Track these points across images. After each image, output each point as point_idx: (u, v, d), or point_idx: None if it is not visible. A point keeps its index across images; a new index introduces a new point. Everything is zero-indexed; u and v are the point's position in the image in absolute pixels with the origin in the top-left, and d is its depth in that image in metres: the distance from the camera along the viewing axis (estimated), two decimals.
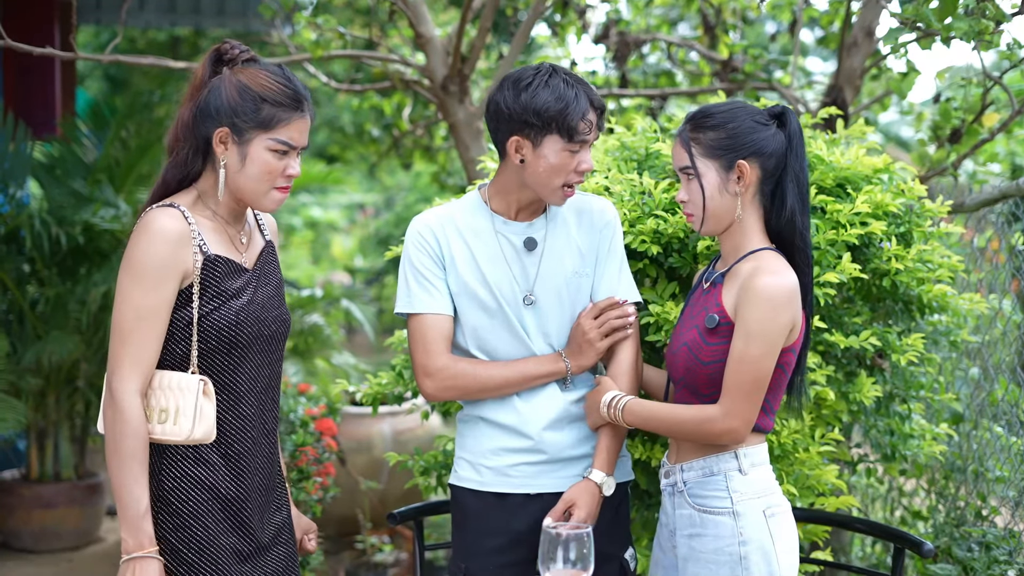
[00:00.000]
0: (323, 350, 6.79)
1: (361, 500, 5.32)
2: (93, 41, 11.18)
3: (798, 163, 2.47)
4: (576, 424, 2.64)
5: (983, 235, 4.47)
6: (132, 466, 2.26)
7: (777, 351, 2.38)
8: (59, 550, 5.71)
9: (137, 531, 2.25)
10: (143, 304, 2.28)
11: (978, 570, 3.57)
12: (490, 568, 2.64)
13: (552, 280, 2.61)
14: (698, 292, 2.57)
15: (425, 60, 4.57)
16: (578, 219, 2.66)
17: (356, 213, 17.76)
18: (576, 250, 2.64)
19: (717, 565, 2.43)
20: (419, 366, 2.61)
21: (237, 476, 2.39)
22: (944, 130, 4.46)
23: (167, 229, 2.29)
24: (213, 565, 2.35)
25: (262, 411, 2.46)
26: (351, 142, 8.57)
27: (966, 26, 3.34)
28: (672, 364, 2.54)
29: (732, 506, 2.44)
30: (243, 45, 2.43)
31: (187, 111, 2.37)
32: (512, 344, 2.62)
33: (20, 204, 5.64)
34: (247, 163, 2.35)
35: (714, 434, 2.41)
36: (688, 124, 2.49)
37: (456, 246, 2.61)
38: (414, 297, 2.61)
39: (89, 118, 6.14)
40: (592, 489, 2.55)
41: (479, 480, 2.65)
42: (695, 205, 2.48)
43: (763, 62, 5.65)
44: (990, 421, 4.11)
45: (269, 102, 2.33)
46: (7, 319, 5.57)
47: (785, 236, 2.47)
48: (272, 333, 2.46)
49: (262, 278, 2.47)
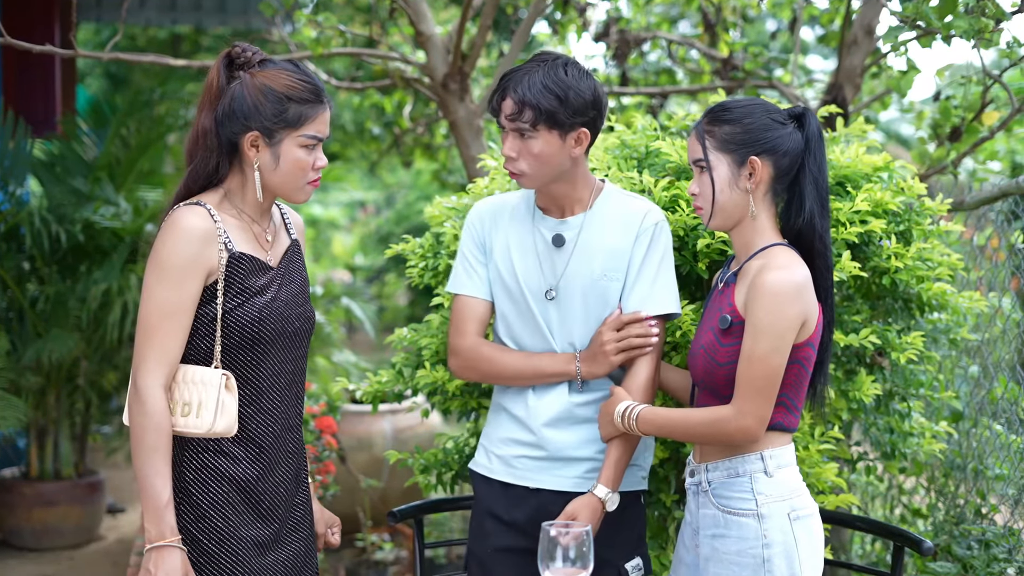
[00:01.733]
0: (323, 348, 6.79)
1: (361, 498, 5.32)
2: (93, 39, 11.17)
3: (816, 165, 2.45)
4: (580, 426, 2.64)
5: (983, 233, 4.47)
6: (155, 458, 2.30)
7: (787, 346, 2.36)
8: (59, 548, 5.72)
9: (160, 521, 2.30)
10: (168, 300, 2.32)
11: (978, 568, 3.57)
12: (487, 551, 2.70)
13: (578, 279, 2.61)
14: (714, 293, 2.56)
15: (426, 58, 4.57)
16: (617, 221, 2.63)
17: (357, 211, 17.76)
18: (608, 252, 2.61)
19: (740, 567, 2.41)
20: (449, 343, 2.73)
21: (259, 469, 2.43)
22: (944, 128, 4.46)
23: (193, 227, 2.33)
24: (234, 556, 2.40)
25: (285, 406, 2.50)
26: (352, 140, 8.57)
27: (966, 24, 3.34)
28: (692, 366, 2.53)
29: (757, 508, 2.42)
30: (254, 47, 2.45)
31: (207, 119, 2.39)
32: (534, 337, 2.66)
33: (20, 202, 5.64)
34: (281, 162, 2.40)
35: (728, 434, 2.40)
36: (705, 117, 2.49)
37: (499, 235, 2.68)
38: (457, 278, 2.73)
39: (89, 116, 6.15)
40: (594, 504, 2.54)
41: (488, 467, 2.72)
42: (704, 198, 2.47)
43: (763, 60, 5.66)
44: (990, 419, 4.11)
45: (295, 100, 2.38)
46: (7, 317, 5.57)
47: (805, 238, 2.46)
48: (296, 330, 2.50)
49: (287, 276, 2.50)
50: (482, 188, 3.18)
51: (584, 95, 2.50)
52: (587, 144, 2.58)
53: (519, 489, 2.66)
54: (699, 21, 6.35)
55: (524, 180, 2.58)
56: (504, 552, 2.68)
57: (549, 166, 2.55)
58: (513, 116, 2.51)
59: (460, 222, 3.13)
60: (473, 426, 3.34)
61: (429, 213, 3.29)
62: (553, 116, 2.49)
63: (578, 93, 2.50)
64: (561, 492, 2.62)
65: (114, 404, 6.50)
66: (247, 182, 2.43)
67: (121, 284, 5.53)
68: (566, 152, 2.54)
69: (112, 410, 6.47)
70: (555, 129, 2.50)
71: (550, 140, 2.51)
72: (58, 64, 6.95)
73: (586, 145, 2.57)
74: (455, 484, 3.29)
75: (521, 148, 2.53)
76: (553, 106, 2.48)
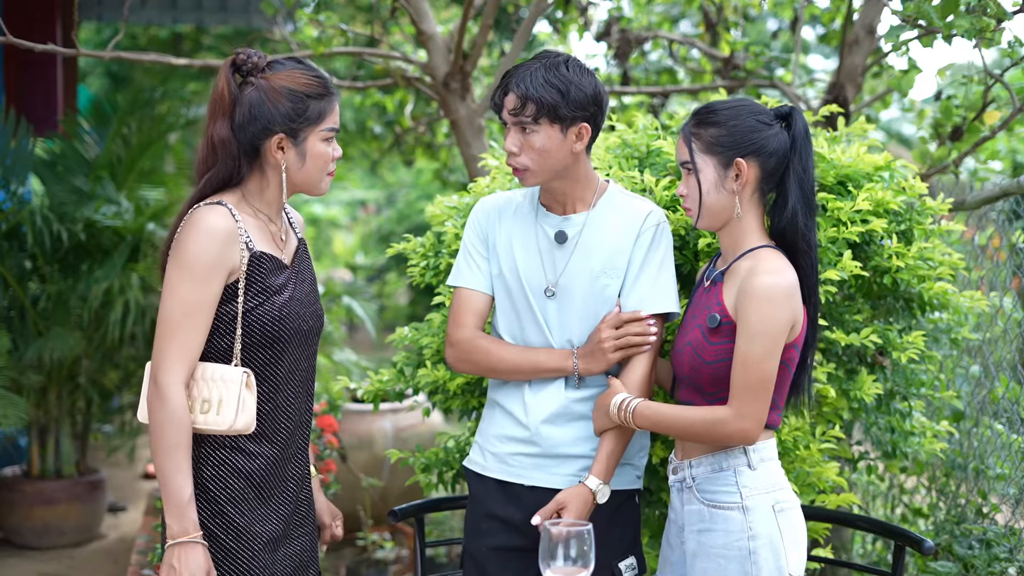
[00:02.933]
0: (324, 347, 6.79)
1: (362, 497, 5.32)
2: (94, 38, 11.16)
3: (802, 164, 2.47)
4: (576, 423, 2.64)
5: (984, 233, 4.47)
6: (177, 455, 2.32)
7: (780, 349, 2.39)
8: (60, 546, 5.72)
9: (182, 517, 2.32)
10: (191, 299, 2.34)
11: (979, 567, 3.58)
12: (482, 550, 2.70)
13: (579, 276, 2.62)
14: (700, 291, 2.57)
15: (427, 57, 4.57)
16: (620, 219, 2.64)
17: (357, 210, 17.75)
18: (609, 250, 2.62)
19: (726, 560, 2.44)
20: (447, 334, 2.74)
21: (274, 466, 2.46)
22: (945, 128, 4.46)
23: (216, 227, 2.35)
24: (250, 551, 2.42)
25: (299, 403, 2.53)
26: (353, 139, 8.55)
27: (967, 24, 3.34)
28: (677, 362, 2.55)
29: (741, 501, 2.44)
30: (257, 51, 2.48)
31: (223, 128, 2.40)
32: (533, 333, 2.66)
33: (22, 200, 5.63)
34: (307, 159, 2.44)
35: (726, 435, 2.41)
36: (692, 119, 2.51)
37: (502, 231, 2.70)
38: (458, 271, 2.75)
39: (91, 114, 6.14)
40: (585, 494, 2.55)
41: (483, 464, 2.72)
42: (692, 200, 2.50)
43: (764, 60, 5.65)
44: (991, 419, 4.11)
45: (313, 97, 2.42)
46: (8, 316, 5.57)
47: (788, 237, 2.47)
48: (310, 328, 2.53)
49: (300, 274, 2.53)
50: (483, 187, 3.19)
51: (585, 90, 2.54)
52: (588, 140, 2.59)
53: (514, 486, 2.66)
54: (700, 20, 6.35)
55: (526, 176, 2.59)
56: (500, 551, 2.68)
57: (551, 161, 2.56)
58: (516, 111, 2.54)
59: (461, 221, 3.13)
60: (474, 425, 3.34)
61: (430, 212, 3.29)
62: (555, 110, 2.51)
63: (579, 88, 2.53)
64: (555, 490, 2.62)
65: (115, 403, 6.50)
66: (268, 183, 2.46)
67: (122, 283, 5.53)
68: (567, 147, 2.56)
69: (113, 409, 6.47)
70: (557, 123, 2.53)
71: (552, 134, 2.54)
72: (59, 63, 6.95)
73: (587, 141, 2.59)
74: (456, 483, 3.29)
75: (523, 143, 2.55)
76: (555, 100, 2.51)
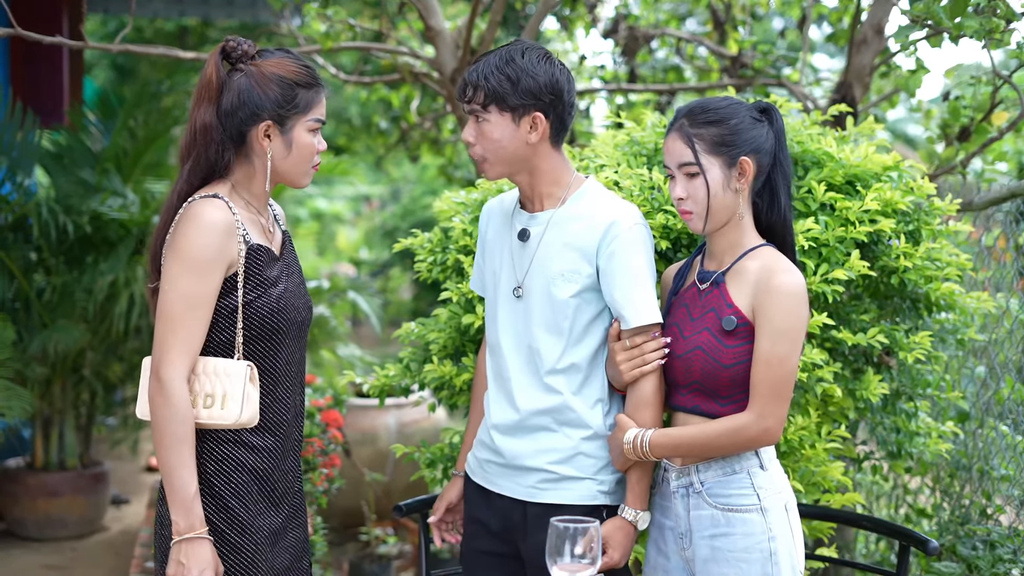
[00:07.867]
0: (329, 341, 6.79)
1: (366, 492, 5.32)
2: (100, 30, 11.16)
3: (786, 159, 2.47)
4: (535, 434, 2.55)
5: (990, 234, 4.47)
6: (181, 450, 2.32)
7: (801, 347, 2.37)
8: (63, 538, 5.73)
9: (188, 513, 2.31)
10: (192, 293, 2.33)
11: (982, 568, 3.57)
12: (467, 553, 2.70)
13: (541, 276, 2.53)
14: (691, 292, 2.50)
15: (434, 53, 4.57)
16: (584, 221, 2.52)
17: (362, 205, 17.77)
18: (572, 251, 2.51)
19: (748, 563, 2.40)
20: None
21: (275, 458, 2.46)
22: (953, 128, 4.45)
23: (216, 220, 2.34)
24: (254, 545, 2.42)
25: (295, 395, 2.53)
26: (358, 134, 8.56)
27: (976, 24, 3.34)
28: (685, 369, 2.45)
29: (760, 503, 2.41)
30: (246, 39, 2.46)
31: (208, 114, 2.39)
32: (504, 336, 2.59)
33: (28, 193, 5.64)
34: (293, 148, 2.43)
35: (751, 439, 2.37)
36: (686, 119, 2.43)
37: (491, 230, 2.69)
38: (474, 273, 2.79)
39: (97, 107, 6.15)
40: (626, 527, 2.50)
41: (470, 468, 2.72)
42: (696, 202, 2.42)
43: (772, 58, 5.65)
44: (996, 420, 4.11)
45: (303, 86, 2.42)
46: (13, 307, 5.57)
47: (777, 232, 2.47)
48: (303, 319, 2.53)
49: (289, 266, 2.53)
50: (489, 183, 3.18)
51: (537, 78, 2.45)
52: (545, 132, 2.50)
53: (490, 493, 2.63)
54: (708, 18, 6.35)
55: (485, 167, 2.54)
56: (482, 554, 2.66)
57: (505, 152, 2.49)
58: (467, 97, 2.50)
59: (468, 217, 3.13)
60: None
61: (438, 208, 3.29)
62: (502, 97, 2.45)
63: (531, 76, 2.45)
64: (520, 501, 2.56)
65: (119, 396, 6.51)
66: (254, 173, 2.45)
67: (127, 275, 5.53)
68: (521, 137, 2.48)
69: (117, 402, 6.48)
70: (507, 112, 2.47)
71: (502, 123, 2.47)
72: (66, 55, 6.95)
73: (543, 132, 2.50)
74: None
75: (478, 132, 2.51)
76: (503, 86, 2.45)
